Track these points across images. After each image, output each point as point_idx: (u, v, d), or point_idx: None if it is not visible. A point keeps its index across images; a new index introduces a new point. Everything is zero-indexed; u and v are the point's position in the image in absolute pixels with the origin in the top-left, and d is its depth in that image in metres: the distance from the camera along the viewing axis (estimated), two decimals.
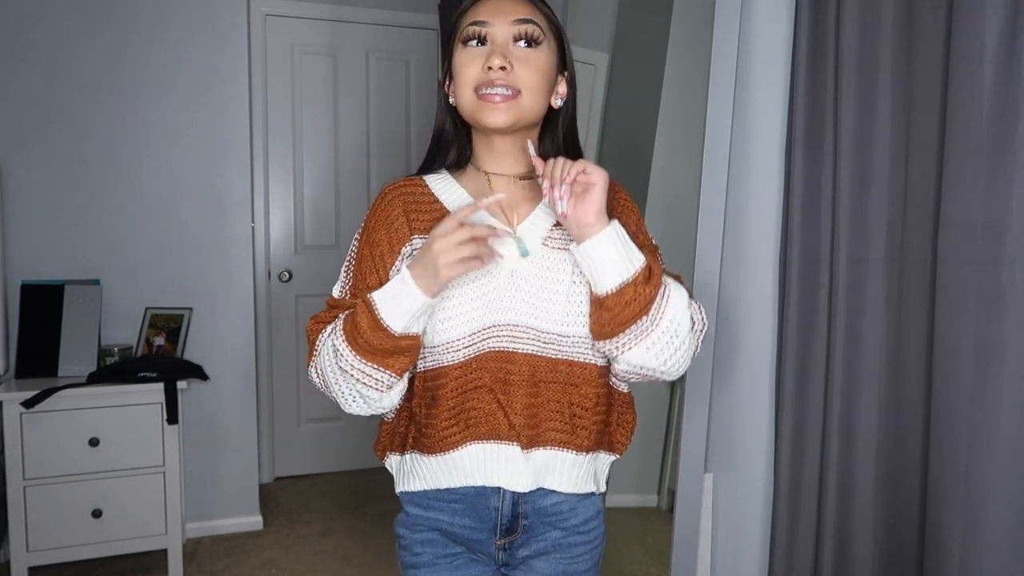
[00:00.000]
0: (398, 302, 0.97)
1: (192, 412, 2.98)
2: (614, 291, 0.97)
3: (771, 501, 1.68)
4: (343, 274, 1.13)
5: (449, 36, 1.08)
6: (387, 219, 1.08)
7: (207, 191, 3.02)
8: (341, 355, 1.01)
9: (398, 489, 1.13)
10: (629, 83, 2.40)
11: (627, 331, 0.99)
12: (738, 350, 1.82)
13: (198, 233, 3.01)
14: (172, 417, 2.61)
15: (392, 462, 1.14)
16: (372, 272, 1.07)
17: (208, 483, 3.07)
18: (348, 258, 1.14)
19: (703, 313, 1.07)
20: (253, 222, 3.18)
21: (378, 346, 0.99)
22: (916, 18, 1.36)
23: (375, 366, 1.00)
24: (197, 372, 2.80)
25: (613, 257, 0.97)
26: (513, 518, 1.07)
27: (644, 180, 2.20)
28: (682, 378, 1.86)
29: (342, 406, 1.07)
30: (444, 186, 1.12)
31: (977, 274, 1.22)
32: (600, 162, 2.47)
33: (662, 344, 1.00)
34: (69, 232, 2.85)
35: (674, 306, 1.00)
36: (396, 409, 1.12)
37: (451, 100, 1.09)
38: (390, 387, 1.03)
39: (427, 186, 1.12)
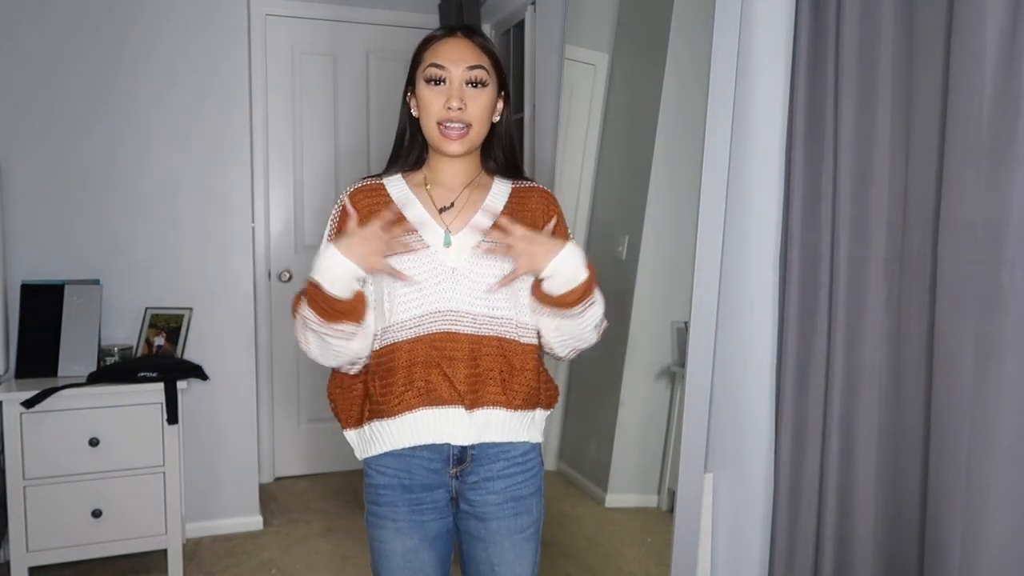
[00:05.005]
0: (334, 276, 1.22)
1: (192, 412, 2.98)
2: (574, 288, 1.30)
3: (771, 501, 1.68)
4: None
5: (414, 62, 1.35)
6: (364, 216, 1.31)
7: (207, 191, 3.02)
8: (311, 321, 1.25)
9: (361, 456, 1.36)
10: (629, 83, 2.39)
11: (572, 309, 1.32)
12: (738, 350, 1.82)
13: (198, 233, 3.01)
14: (172, 417, 2.61)
15: (351, 436, 1.38)
16: None
17: (208, 483, 3.07)
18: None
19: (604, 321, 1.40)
20: (253, 222, 3.18)
21: (334, 310, 1.24)
22: (916, 18, 1.36)
23: (337, 325, 1.25)
24: (197, 372, 2.79)
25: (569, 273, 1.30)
26: (462, 450, 1.31)
27: (644, 180, 2.20)
28: (682, 378, 1.87)
29: (322, 362, 1.31)
30: (399, 189, 1.36)
31: (977, 274, 1.22)
32: (600, 162, 2.48)
33: (586, 323, 1.35)
34: (69, 232, 2.85)
35: (598, 305, 1.35)
36: (359, 373, 1.35)
37: (413, 112, 1.36)
38: (354, 334, 1.27)
39: (387, 191, 1.36)
